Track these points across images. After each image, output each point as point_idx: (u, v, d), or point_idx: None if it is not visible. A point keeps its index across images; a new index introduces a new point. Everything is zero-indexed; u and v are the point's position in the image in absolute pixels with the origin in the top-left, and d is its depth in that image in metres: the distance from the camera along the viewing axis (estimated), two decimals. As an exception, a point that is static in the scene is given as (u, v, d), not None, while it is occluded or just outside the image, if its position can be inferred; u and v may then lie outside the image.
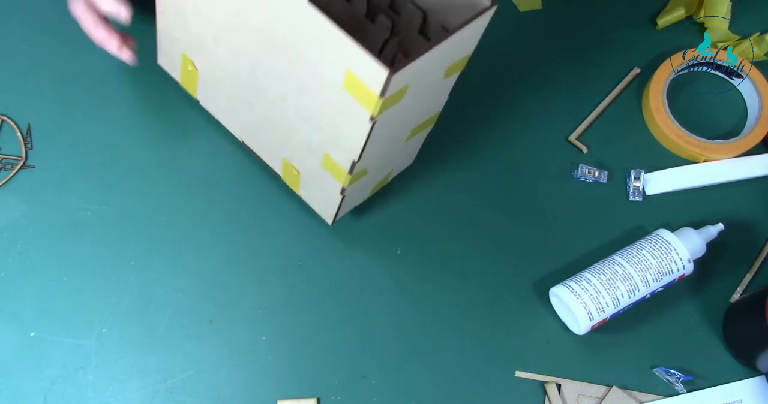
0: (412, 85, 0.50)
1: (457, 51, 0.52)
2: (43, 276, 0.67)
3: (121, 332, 0.65)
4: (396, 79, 0.46)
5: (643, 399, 0.65)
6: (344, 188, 0.58)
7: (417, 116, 0.58)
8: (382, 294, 0.68)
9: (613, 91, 0.76)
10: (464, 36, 0.50)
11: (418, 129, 0.61)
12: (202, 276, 0.67)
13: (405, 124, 0.57)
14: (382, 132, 0.53)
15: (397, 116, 0.53)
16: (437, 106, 0.60)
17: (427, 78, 0.52)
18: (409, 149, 0.65)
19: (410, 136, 0.61)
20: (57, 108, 0.73)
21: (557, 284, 0.66)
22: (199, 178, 0.71)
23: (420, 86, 0.52)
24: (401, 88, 0.49)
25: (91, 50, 0.75)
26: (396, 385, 0.65)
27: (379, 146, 0.55)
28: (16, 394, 0.63)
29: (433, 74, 0.52)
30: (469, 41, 0.53)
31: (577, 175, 0.72)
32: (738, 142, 0.73)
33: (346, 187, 0.58)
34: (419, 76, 0.50)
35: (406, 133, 0.59)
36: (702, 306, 0.69)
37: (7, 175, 0.70)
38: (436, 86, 0.55)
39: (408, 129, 0.59)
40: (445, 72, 0.54)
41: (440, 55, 0.50)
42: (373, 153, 0.55)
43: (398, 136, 0.59)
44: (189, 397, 0.63)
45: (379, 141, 0.54)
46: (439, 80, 0.54)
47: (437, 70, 0.52)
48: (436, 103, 0.59)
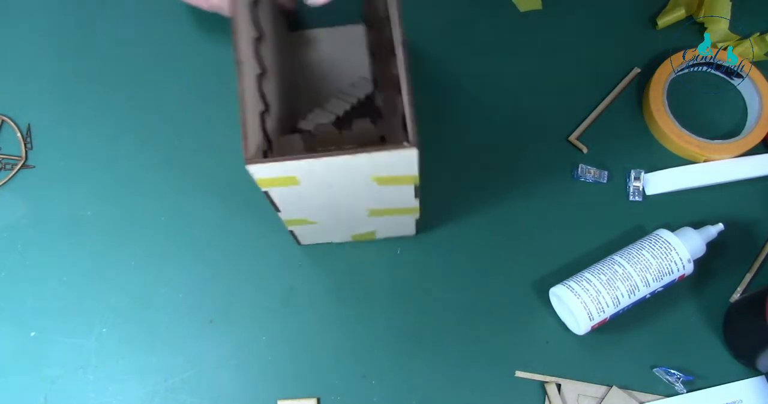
0: (303, 177, 0.51)
1: (378, 168, 0.52)
2: (43, 276, 0.67)
3: (121, 332, 0.65)
4: (274, 167, 0.49)
5: (643, 399, 0.65)
6: (290, 230, 0.64)
7: (360, 203, 0.58)
8: (382, 294, 0.68)
9: (613, 91, 0.76)
10: (372, 159, 0.50)
11: (379, 212, 0.61)
12: (202, 276, 0.67)
13: (342, 203, 0.57)
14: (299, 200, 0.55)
15: (309, 194, 0.54)
16: (399, 202, 0.59)
17: (340, 180, 0.52)
18: (387, 222, 0.64)
19: (371, 214, 0.61)
20: (57, 108, 0.73)
21: (557, 284, 0.66)
22: (199, 177, 0.71)
23: (323, 181, 0.52)
24: (288, 176, 0.51)
25: (91, 50, 0.75)
26: (396, 385, 0.65)
27: (308, 209, 0.58)
28: (16, 394, 0.63)
29: (351, 179, 0.53)
30: (395, 167, 0.52)
31: (577, 175, 0.72)
32: (738, 142, 0.73)
33: (288, 228, 0.63)
34: (318, 173, 0.51)
35: (361, 211, 0.60)
36: (702, 306, 0.69)
37: (7, 175, 0.70)
38: (371, 190, 0.55)
39: (362, 209, 0.60)
40: (375, 181, 0.53)
41: (342, 164, 0.50)
42: (300, 212, 0.59)
43: (346, 210, 0.59)
44: (189, 397, 0.64)
45: (301, 205, 0.57)
46: (371, 186, 0.54)
47: (356, 177, 0.52)
48: (392, 200, 0.58)
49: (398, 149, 0.49)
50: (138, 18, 0.77)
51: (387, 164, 0.51)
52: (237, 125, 0.72)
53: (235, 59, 0.50)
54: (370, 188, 0.54)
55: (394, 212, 0.61)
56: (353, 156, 0.49)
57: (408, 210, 0.61)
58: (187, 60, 0.75)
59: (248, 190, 0.70)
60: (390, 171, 0.52)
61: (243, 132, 0.49)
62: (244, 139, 0.49)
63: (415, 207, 0.61)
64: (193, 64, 0.75)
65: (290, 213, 0.59)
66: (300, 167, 0.49)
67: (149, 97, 0.73)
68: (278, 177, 0.51)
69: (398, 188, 0.55)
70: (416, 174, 0.53)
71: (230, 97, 0.74)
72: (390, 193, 0.56)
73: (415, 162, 0.51)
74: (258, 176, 0.50)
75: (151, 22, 0.76)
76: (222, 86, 0.74)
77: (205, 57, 0.75)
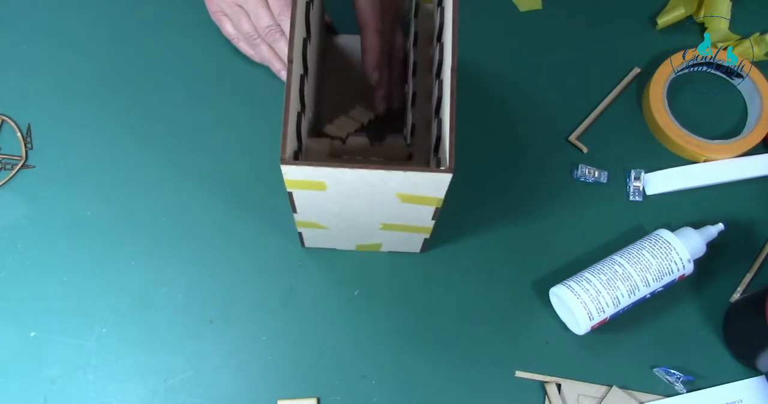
0: (331, 184, 0.51)
1: (406, 186, 0.52)
2: (43, 276, 0.67)
3: (121, 332, 0.65)
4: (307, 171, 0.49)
5: (643, 399, 0.65)
6: (299, 232, 0.64)
7: (376, 216, 0.58)
8: (383, 293, 0.68)
9: (613, 91, 0.76)
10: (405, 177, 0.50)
11: (392, 227, 0.61)
12: (202, 276, 0.67)
13: (360, 213, 0.58)
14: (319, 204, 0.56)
15: (330, 200, 0.55)
16: (414, 221, 0.59)
17: (366, 192, 0.52)
18: (396, 237, 0.64)
19: (383, 228, 0.61)
20: (57, 108, 0.73)
21: (557, 284, 0.66)
22: (199, 177, 0.71)
23: (350, 191, 0.52)
24: (317, 181, 0.51)
25: (91, 50, 0.75)
26: (396, 385, 0.65)
27: (324, 214, 0.58)
28: (16, 394, 0.63)
29: (377, 193, 0.53)
30: (424, 188, 0.52)
31: (577, 175, 0.72)
32: (738, 142, 0.73)
33: (298, 229, 0.63)
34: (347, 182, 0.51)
35: (375, 224, 0.60)
36: (702, 306, 0.69)
37: (7, 175, 0.70)
38: (392, 205, 0.55)
39: (376, 222, 0.60)
40: (399, 197, 0.53)
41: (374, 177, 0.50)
42: (315, 216, 0.59)
43: (361, 220, 0.60)
44: (189, 397, 0.63)
45: (318, 210, 0.57)
46: (393, 201, 0.54)
47: (382, 191, 0.52)
48: (409, 218, 0.58)
49: (434, 172, 0.49)
50: (138, 18, 0.77)
51: (417, 184, 0.51)
52: (237, 125, 0.73)
53: (288, 58, 0.50)
54: (391, 203, 0.54)
55: (406, 229, 0.61)
56: (388, 172, 0.49)
57: (421, 229, 0.61)
58: (187, 60, 0.75)
59: (248, 190, 0.70)
60: (418, 190, 0.52)
61: (283, 131, 0.49)
62: (283, 138, 0.48)
63: (429, 228, 0.61)
64: (194, 63, 0.75)
65: (306, 215, 0.59)
66: (331, 174, 0.49)
67: (149, 96, 0.73)
68: (308, 180, 0.51)
69: (419, 207, 0.55)
70: (442, 197, 0.53)
71: (231, 96, 0.74)
72: (410, 210, 0.56)
73: (445, 186, 0.51)
74: (288, 177, 0.50)
75: (151, 22, 0.76)
76: (222, 86, 0.74)
77: (206, 57, 0.75)
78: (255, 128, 0.72)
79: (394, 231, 0.62)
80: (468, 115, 0.74)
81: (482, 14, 0.79)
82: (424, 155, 0.61)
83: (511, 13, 0.80)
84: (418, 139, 0.62)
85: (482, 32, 0.78)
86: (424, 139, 0.62)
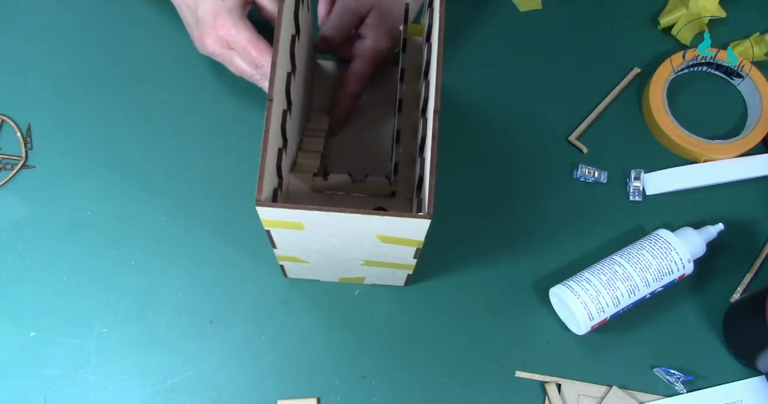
0: (309, 225, 0.51)
1: (385, 229, 0.51)
2: (43, 276, 0.67)
3: (121, 332, 0.65)
4: (283, 213, 0.48)
5: (643, 399, 0.65)
6: (281, 264, 0.64)
7: (357, 253, 0.58)
8: (382, 294, 0.68)
9: (613, 91, 0.76)
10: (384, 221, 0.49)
11: (374, 263, 0.60)
12: (202, 276, 0.67)
13: (340, 250, 0.57)
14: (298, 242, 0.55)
15: (310, 239, 0.54)
16: (396, 259, 0.59)
17: (344, 232, 0.52)
18: (379, 272, 0.64)
19: (365, 264, 0.61)
20: (57, 108, 0.73)
21: (557, 284, 0.66)
22: (199, 178, 0.71)
23: (329, 230, 0.52)
24: (295, 221, 0.50)
25: (91, 50, 0.75)
26: (396, 385, 0.65)
27: (304, 251, 0.58)
28: (16, 394, 0.63)
29: (356, 234, 0.52)
30: (403, 231, 0.52)
31: (576, 175, 0.72)
32: (738, 142, 0.73)
33: (279, 262, 0.63)
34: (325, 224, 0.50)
35: (356, 260, 0.60)
36: (702, 306, 0.69)
37: (7, 175, 0.70)
38: (372, 245, 0.55)
39: (357, 258, 0.59)
40: (379, 238, 0.53)
41: (352, 220, 0.49)
42: (295, 251, 0.58)
43: (342, 258, 0.59)
44: (189, 397, 0.64)
45: (298, 247, 0.57)
46: (373, 241, 0.54)
47: (361, 233, 0.52)
48: (391, 257, 0.58)
49: (412, 218, 0.48)
50: (138, 18, 0.77)
51: (396, 228, 0.51)
52: (237, 125, 0.73)
53: (268, 96, 0.49)
54: (371, 243, 0.54)
55: (388, 265, 0.61)
56: (366, 216, 0.48)
57: (403, 266, 0.61)
58: (187, 60, 0.75)
59: (248, 190, 0.70)
60: (397, 233, 0.52)
61: (260, 173, 0.48)
62: (259, 180, 0.48)
63: (411, 265, 0.61)
64: (194, 64, 0.75)
65: (286, 251, 0.59)
66: (309, 216, 0.49)
67: (149, 97, 0.73)
68: (285, 221, 0.50)
69: (400, 247, 0.55)
70: (422, 239, 0.53)
71: (231, 96, 0.74)
72: (391, 250, 0.56)
73: (425, 230, 0.51)
74: (265, 217, 0.50)
75: (151, 22, 0.76)
76: (222, 86, 0.74)
77: (206, 57, 0.75)
78: (256, 128, 0.72)
79: (377, 267, 0.62)
80: (468, 115, 0.74)
81: (482, 14, 0.79)
82: (407, 192, 0.61)
83: (511, 13, 0.80)
84: (402, 175, 0.62)
85: (482, 32, 0.78)
86: (408, 175, 0.61)
